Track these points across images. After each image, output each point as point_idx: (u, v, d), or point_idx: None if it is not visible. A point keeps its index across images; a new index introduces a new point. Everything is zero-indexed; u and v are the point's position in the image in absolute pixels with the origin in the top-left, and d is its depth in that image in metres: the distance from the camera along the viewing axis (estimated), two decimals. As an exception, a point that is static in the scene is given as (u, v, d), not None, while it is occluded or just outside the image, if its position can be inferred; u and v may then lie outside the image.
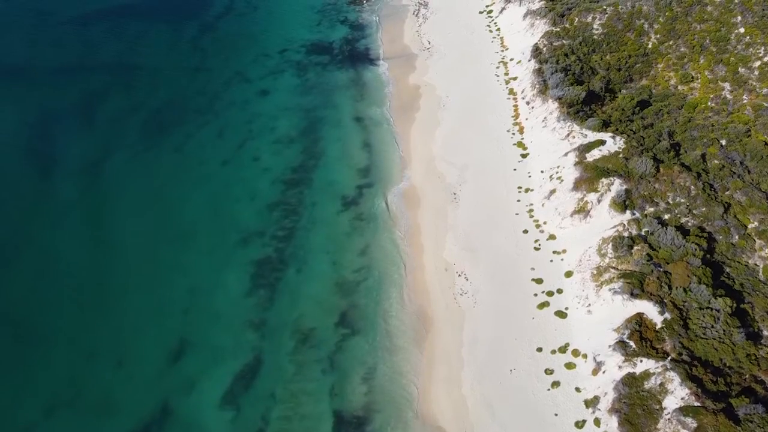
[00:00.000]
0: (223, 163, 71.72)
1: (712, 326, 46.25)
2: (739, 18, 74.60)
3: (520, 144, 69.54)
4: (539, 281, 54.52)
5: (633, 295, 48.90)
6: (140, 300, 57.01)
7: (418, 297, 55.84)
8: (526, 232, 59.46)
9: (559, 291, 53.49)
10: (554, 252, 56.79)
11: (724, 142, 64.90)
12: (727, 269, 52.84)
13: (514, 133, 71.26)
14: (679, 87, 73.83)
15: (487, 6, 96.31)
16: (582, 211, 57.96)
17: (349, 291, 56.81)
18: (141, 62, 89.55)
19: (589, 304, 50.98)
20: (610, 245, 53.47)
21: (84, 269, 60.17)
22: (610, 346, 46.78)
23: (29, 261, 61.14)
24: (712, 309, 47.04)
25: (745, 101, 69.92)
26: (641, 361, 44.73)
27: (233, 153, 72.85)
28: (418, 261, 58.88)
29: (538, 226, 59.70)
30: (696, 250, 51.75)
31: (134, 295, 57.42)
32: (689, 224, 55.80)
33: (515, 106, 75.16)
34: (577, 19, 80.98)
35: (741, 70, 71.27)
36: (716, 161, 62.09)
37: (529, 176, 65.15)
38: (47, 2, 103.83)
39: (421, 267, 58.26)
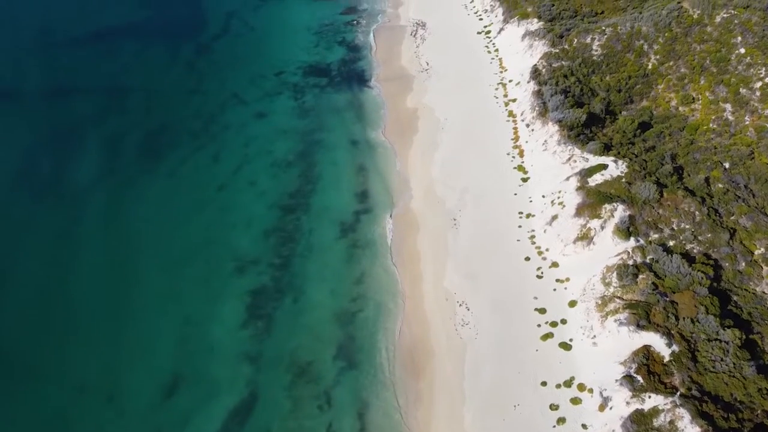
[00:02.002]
0: (218, 188, 70.50)
1: (722, 359, 44.83)
2: (739, 38, 73.96)
3: (520, 168, 68.47)
4: (542, 311, 53.12)
5: (639, 327, 47.51)
6: (132, 331, 55.51)
7: (417, 327, 54.36)
8: (528, 259, 58.16)
9: (563, 321, 52.07)
10: (557, 280, 55.46)
11: (727, 165, 63.92)
12: (735, 297, 51.55)
13: (514, 157, 70.22)
14: (680, 108, 73.02)
15: (485, 27, 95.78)
16: (585, 237, 56.71)
17: (347, 321, 55.34)
18: (136, 84, 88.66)
19: (594, 336, 49.56)
20: (614, 274, 52.17)
21: (74, 298, 58.81)
22: (616, 380, 45.30)
23: (17, 289, 59.82)
24: (721, 341, 45.65)
25: (747, 122, 69.06)
26: (649, 396, 43.24)
27: (229, 177, 71.66)
28: (418, 289, 57.49)
29: (540, 253, 58.41)
30: (702, 278, 50.46)
31: (126, 326, 55.91)
32: (695, 251, 54.59)
33: (515, 128, 74.21)
34: (576, 40, 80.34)
35: (742, 90, 70.49)
36: (720, 185, 61.08)
37: (530, 201, 63.98)
38: (43, 24, 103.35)
39: (420, 296, 56.86)
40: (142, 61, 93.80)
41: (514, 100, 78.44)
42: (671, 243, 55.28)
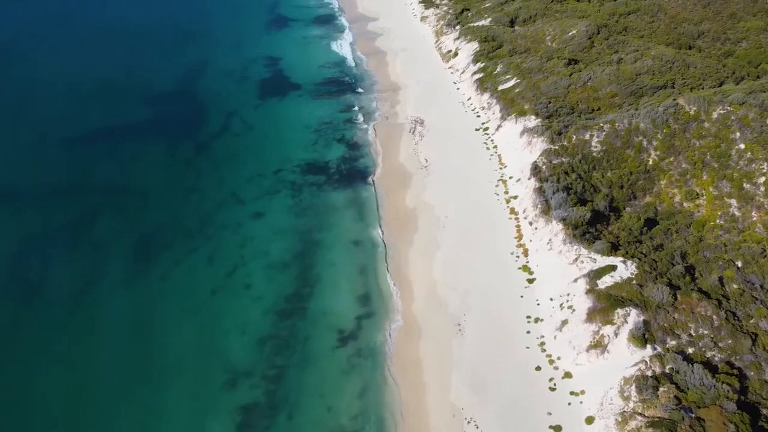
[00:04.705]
0: (212, 292, 67.76)
1: (761, 488, 40.47)
2: (738, 134, 73.89)
3: (525, 268, 66.11)
4: (558, 429, 48.96)
5: (666, 450, 43.41)
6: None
7: (422, 448, 50.02)
8: (539, 369, 54.54)
9: (581, 441, 47.92)
10: (572, 393, 51.63)
11: (740, 264, 61.67)
12: (764, 411, 47.63)
13: (518, 256, 68.05)
14: (685, 204, 71.74)
15: (483, 123, 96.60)
16: (599, 345, 53.43)
17: (346, 442, 51.01)
18: (133, 183, 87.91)
19: (617, 459, 45.28)
20: (633, 386, 48.52)
21: (51, 412, 54.49)
22: None
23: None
24: (757, 466, 41.51)
25: (754, 218, 67.50)
26: None
27: (223, 281, 69.08)
28: (422, 404, 53.43)
29: (551, 362, 54.89)
30: (729, 391, 46.89)
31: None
32: (716, 359, 51.22)
33: (518, 226, 72.56)
34: (574, 136, 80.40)
35: (746, 186, 69.47)
36: (735, 286, 58.53)
37: (538, 304, 61.12)
38: (42, 124, 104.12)
39: (425, 412, 52.74)
40: (140, 160, 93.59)
41: (515, 197, 77.34)
42: (690, 350, 51.99)
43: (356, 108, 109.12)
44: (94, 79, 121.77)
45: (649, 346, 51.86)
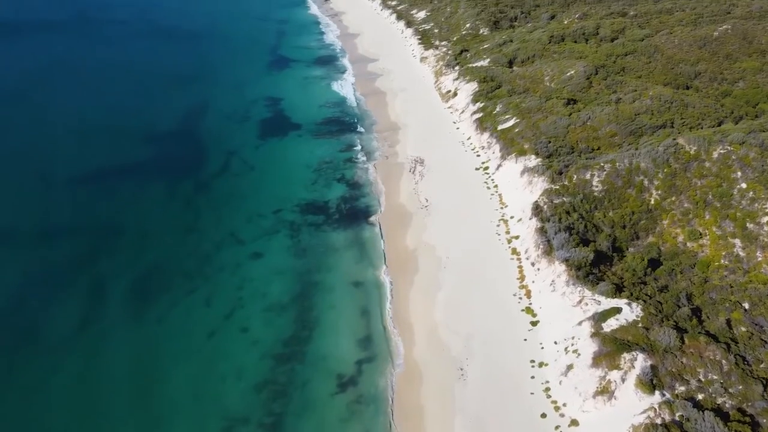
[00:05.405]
0: (209, 335, 66.35)
1: None
2: (739, 173, 73.59)
3: (528, 310, 64.90)
4: (565, 480, 47.16)
5: (679, 504, 41.56)
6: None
7: (425, 501, 48.02)
8: (544, 416, 52.83)
9: (591, 494, 46.02)
10: (579, 442, 49.92)
11: (747, 306, 60.48)
12: (780, 460, 45.92)
13: (521, 298, 66.91)
14: (688, 244, 70.93)
15: (482, 163, 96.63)
16: (605, 391, 51.88)
17: (345, 496, 49.03)
18: (132, 223, 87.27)
19: None
20: (642, 436, 46.83)
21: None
22: None
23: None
24: None
25: (759, 259, 66.56)
26: None
27: (220, 323, 67.72)
28: (424, 454, 51.65)
29: (557, 408, 53.20)
30: (742, 440, 45.17)
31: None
32: (727, 405, 49.56)
33: (520, 267, 71.61)
34: (575, 176, 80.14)
35: (749, 225, 68.76)
36: (743, 328, 57.24)
37: (542, 348, 59.71)
38: (41, 163, 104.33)
39: (427, 462, 50.94)
40: (139, 200, 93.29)
41: (516, 237, 76.60)
42: (700, 397, 50.40)
43: (356, 147, 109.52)
44: (97, 120, 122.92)
45: (657, 392, 50.31)
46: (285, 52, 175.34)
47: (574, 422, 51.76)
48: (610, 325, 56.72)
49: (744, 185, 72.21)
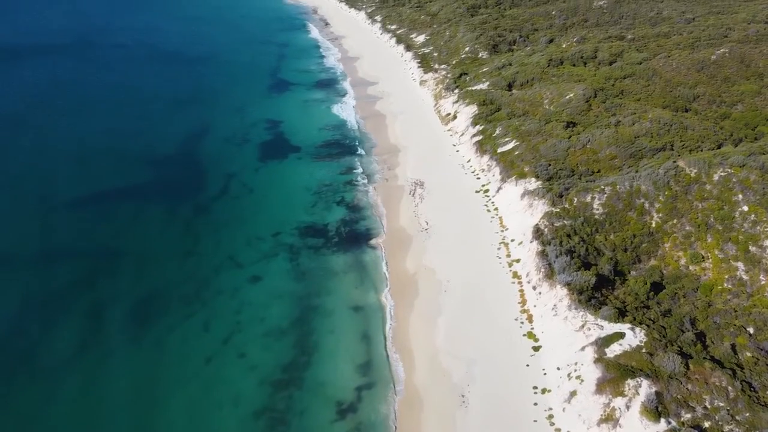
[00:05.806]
0: (206, 360, 65.35)
1: None
2: (741, 196, 73.28)
3: (530, 335, 64.06)
4: None
5: None
6: None
7: None
8: (547, 444, 51.83)
9: None
10: (584, 472, 48.81)
11: (751, 330, 59.73)
12: (789, 491, 44.82)
13: (522, 322, 66.09)
14: (691, 267, 70.34)
15: (483, 185, 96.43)
16: (610, 419, 50.87)
17: None
18: (130, 247, 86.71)
19: None
20: (648, 465, 45.79)
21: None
22: None
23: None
24: None
25: (763, 282, 65.95)
26: None
27: (218, 349, 66.78)
28: (425, 484, 50.44)
29: (561, 437, 52.21)
30: (751, 470, 44.14)
31: None
32: (734, 434, 48.63)
33: (521, 290, 70.91)
34: (576, 199, 79.85)
35: (752, 248, 68.28)
36: (748, 353, 56.45)
37: (545, 374, 58.77)
38: (40, 186, 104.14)
39: (428, 493, 49.70)
40: (138, 223, 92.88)
41: (517, 261, 76.01)
42: (707, 424, 49.43)
43: (356, 170, 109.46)
44: (97, 143, 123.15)
45: (663, 420, 49.34)
46: (285, 75, 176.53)
47: (578, 451, 50.73)
48: (614, 350, 55.91)
49: (745, 208, 71.85)
